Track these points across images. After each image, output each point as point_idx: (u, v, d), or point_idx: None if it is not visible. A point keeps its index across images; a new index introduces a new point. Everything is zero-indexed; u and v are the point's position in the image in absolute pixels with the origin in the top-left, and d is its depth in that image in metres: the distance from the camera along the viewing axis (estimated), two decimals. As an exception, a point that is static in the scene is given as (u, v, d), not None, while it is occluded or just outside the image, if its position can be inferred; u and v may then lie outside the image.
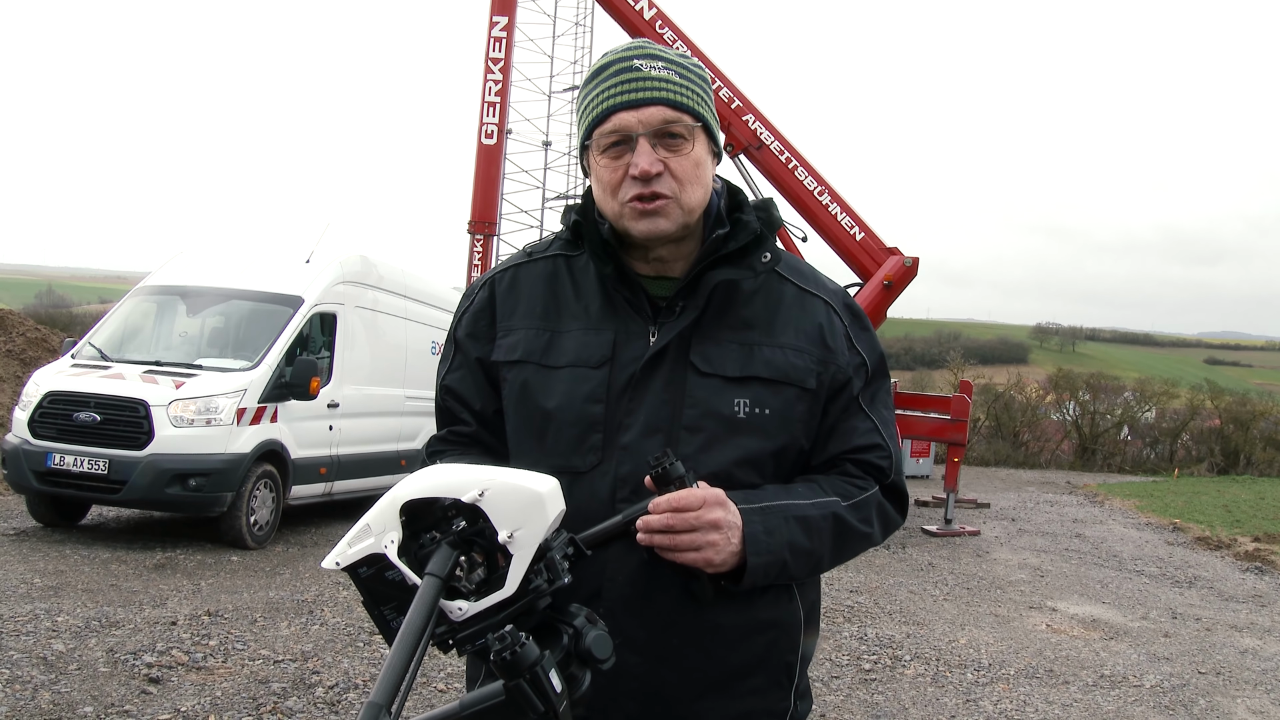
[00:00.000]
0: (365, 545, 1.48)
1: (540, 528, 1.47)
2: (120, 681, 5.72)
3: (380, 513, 1.49)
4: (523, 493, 1.48)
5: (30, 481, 9.60)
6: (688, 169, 1.81)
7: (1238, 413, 33.97)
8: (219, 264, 11.77)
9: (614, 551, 1.74)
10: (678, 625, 1.80)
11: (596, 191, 1.88)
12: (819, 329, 1.90)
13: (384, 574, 1.48)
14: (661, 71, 1.82)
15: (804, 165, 14.36)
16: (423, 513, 1.49)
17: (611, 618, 1.73)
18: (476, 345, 1.97)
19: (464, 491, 1.47)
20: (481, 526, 1.47)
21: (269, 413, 10.22)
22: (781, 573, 1.78)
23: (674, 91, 1.81)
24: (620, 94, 1.80)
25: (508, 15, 16.62)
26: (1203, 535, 15.56)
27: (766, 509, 1.77)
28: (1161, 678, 7.38)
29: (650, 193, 1.78)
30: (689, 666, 1.81)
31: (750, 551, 1.71)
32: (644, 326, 1.86)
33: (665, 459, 1.67)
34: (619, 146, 1.81)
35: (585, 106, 1.85)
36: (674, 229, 1.82)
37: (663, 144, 1.80)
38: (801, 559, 1.79)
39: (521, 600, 1.47)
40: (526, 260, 2.00)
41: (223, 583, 8.44)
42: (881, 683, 6.77)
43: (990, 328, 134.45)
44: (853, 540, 1.88)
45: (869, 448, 1.91)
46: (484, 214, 16.60)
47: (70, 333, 16.42)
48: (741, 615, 1.83)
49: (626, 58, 1.83)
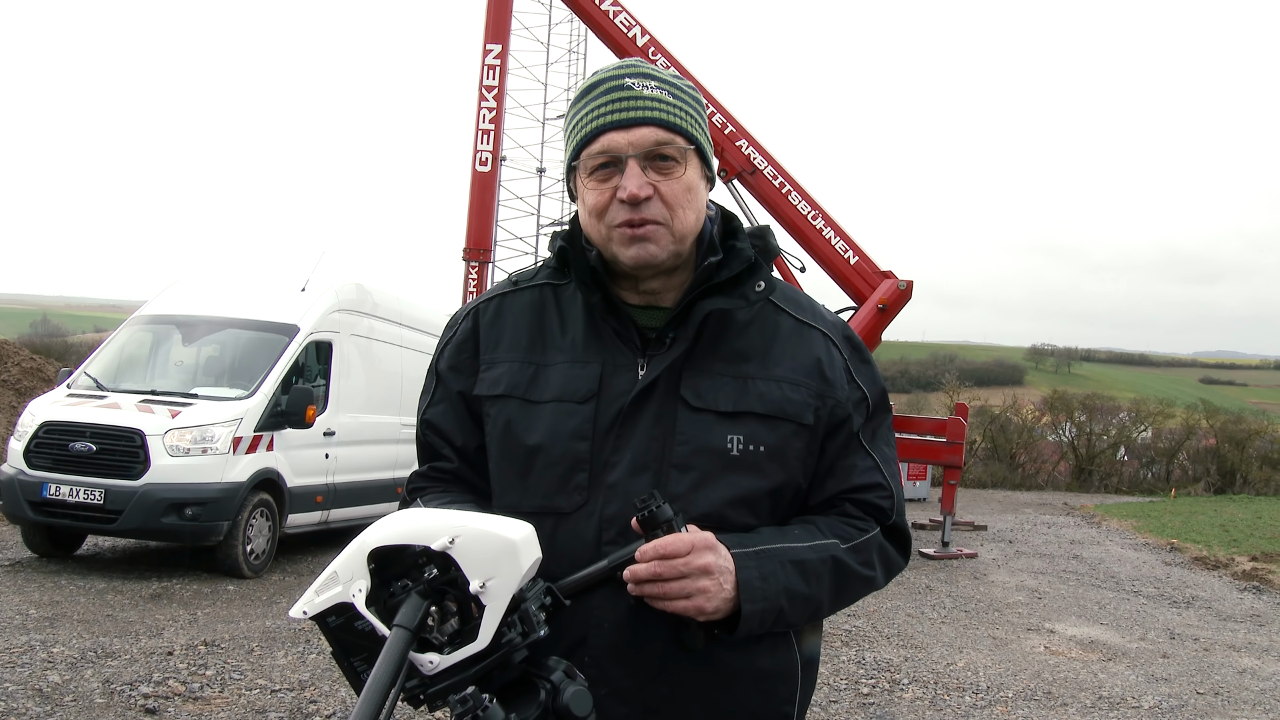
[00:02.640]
0: (333, 594, 1.43)
1: (513, 578, 1.41)
2: (117, 713, 5.70)
3: (348, 560, 1.44)
4: (495, 540, 1.42)
5: (26, 512, 9.58)
6: (679, 193, 1.73)
7: (1233, 432, 34.00)
8: (214, 293, 11.79)
9: (600, 597, 1.66)
10: (667, 674, 1.72)
11: (582, 215, 1.79)
12: (817, 362, 1.82)
13: (353, 624, 1.43)
14: (654, 91, 1.74)
15: (798, 190, 14.44)
16: (392, 559, 1.43)
17: (598, 666, 1.68)
18: (459, 378, 1.89)
19: (434, 539, 1.41)
20: (454, 575, 1.41)
21: (265, 441, 10.22)
22: (778, 620, 1.69)
23: (666, 112, 1.73)
24: (610, 113, 1.72)
25: (501, 43, 16.76)
26: (1200, 555, 15.56)
27: (761, 553, 1.68)
28: (1160, 699, 7.37)
29: (639, 219, 1.70)
30: (679, 718, 1.73)
31: (744, 598, 1.63)
32: (632, 358, 1.78)
33: (652, 501, 1.58)
34: (607, 169, 1.72)
35: (573, 126, 1.78)
36: (664, 256, 1.74)
37: (653, 166, 1.72)
38: (799, 605, 1.71)
39: (495, 654, 1.41)
40: (512, 289, 1.92)
41: (219, 612, 8.42)
42: (880, 706, 6.75)
43: (986, 349, 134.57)
44: (854, 584, 1.80)
45: (869, 487, 1.83)
46: (479, 241, 16.68)
47: (65, 362, 16.42)
48: (736, 664, 1.75)
49: (618, 76, 1.75)
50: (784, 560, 1.70)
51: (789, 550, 1.72)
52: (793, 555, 1.71)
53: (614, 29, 14.46)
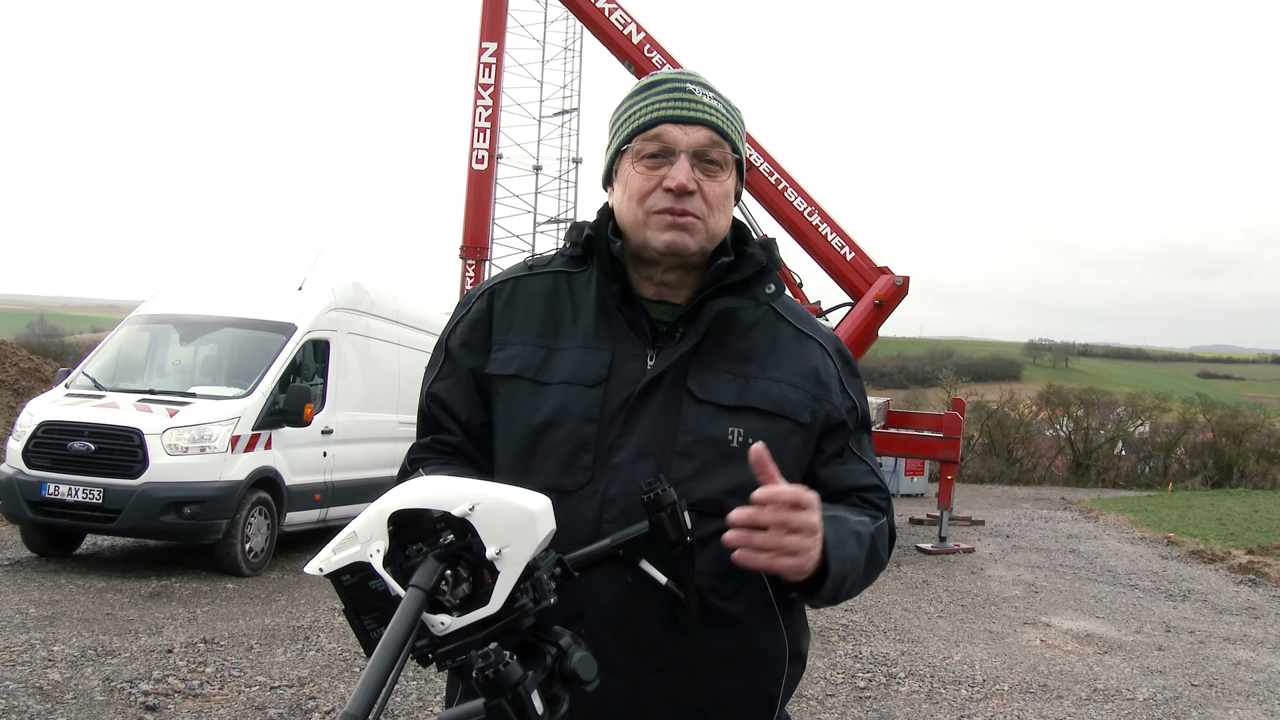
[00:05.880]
0: (350, 553, 1.45)
1: (529, 546, 1.44)
2: (117, 710, 5.73)
3: (368, 521, 1.46)
4: (514, 510, 1.45)
5: (25, 511, 9.60)
6: (719, 196, 1.82)
7: (1230, 426, 34.10)
8: (212, 292, 11.82)
9: (599, 573, 1.70)
10: (661, 650, 1.77)
11: (620, 199, 1.86)
12: (814, 369, 1.91)
13: (367, 583, 1.45)
14: (712, 100, 1.84)
15: (794, 186, 14.47)
16: (410, 523, 1.46)
17: (594, 640, 1.70)
18: (470, 355, 1.93)
19: (454, 505, 1.44)
20: (469, 541, 1.44)
21: (263, 440, 10.24)
22: (840, 587, 1.76)
23: (721, 119, 1.83)
24: (671, 108, 1.81)
25: (497, 41, 16.78)
26: (1197, 549, 15.62)
27: (834, 519, 1.74)
28: (1154, 691, 7.41)
29: (681, 209, 1.79)
30: (670, 692, 1.78)
31: (833, 558, 1.70)
32: (642, 349, 1.85)
33: (658, 484, 1.63)
34: (657, 158, 1.81)
35: (631, 114, 1.85)
36: (695, 249, 1.82)
37: (700, 166, 1.80)
38: (853, 574, 1.78)
39: (506, 618, 1.44)
40: (527, 274, 1.97)
41: (218, 610, 8.45)
42: (876, 700, 6.79)
43: (983, 345, 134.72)
44: (876, 565, 1.88)
45: (870, 488, 1.94)
46: (476, 239, 16.70)
47: (63, 362, 16.45)
48: (727, 643, 1.80)
49: (680, 79, 1.86)
50: (850, 530, 1.79)
51: (850, 521, 1.81)
52: (855, 526, 1.81)
53: (609, 26, 14.48)
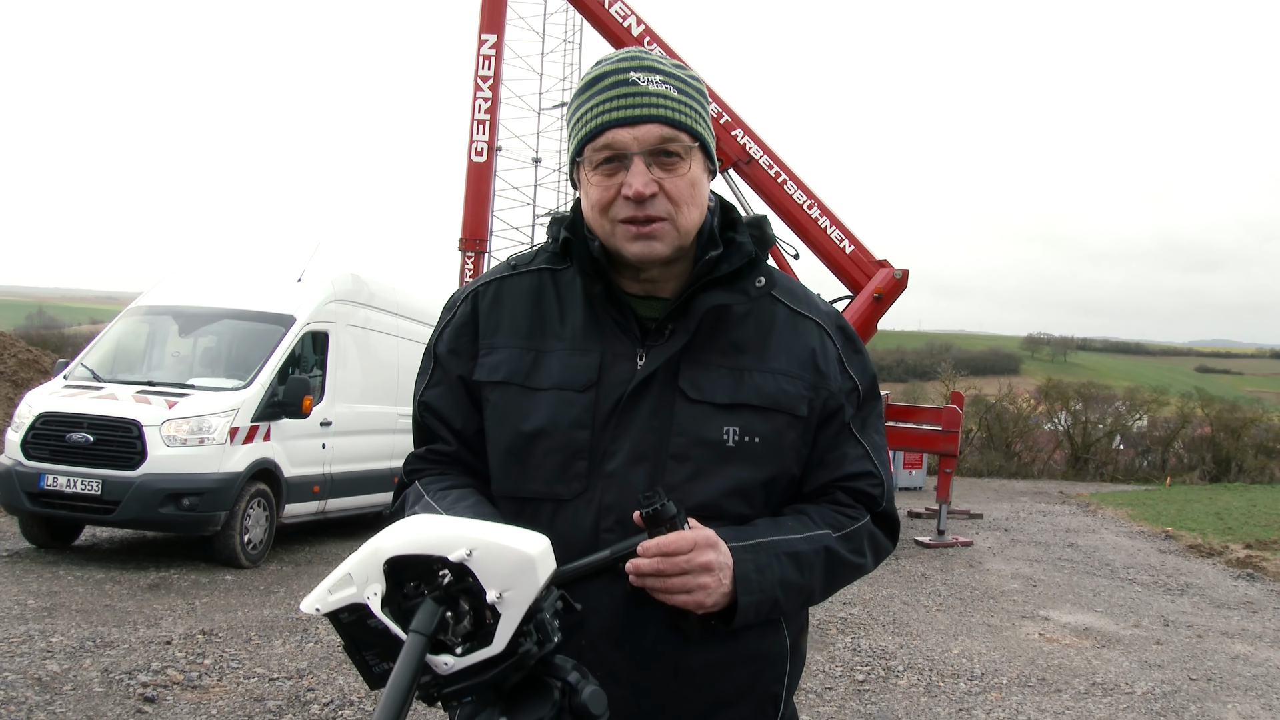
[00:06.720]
0: (347, 594, 1.44)
1: (531, 590, 1.43)
2: (115, 701, 5.72)
3: (362, 563, 1.44)
4: (513, 554, 1.42)
5: (23, 503, 9.60)
6: (683, 190, 1.74)
7: (1228, 420, 34.09)
8: (211, 284, 11.81)
9: (599, 583, 1.70)
10: (662, 658, 1.76)
11: (586, 208, 1.80)
12: (811, 353, 1.85)
13: (365, 621, 1.44)
14: (659, 86, 1.73)
15: (793, 179, 14.44)
16: (407, 565, 1.44)
17: (595, 649, 1.71)
18: (458, 362, 1.90)
19: (451, 549, 1.41)
20: (469, 584, 1.42)
21: (262, 431, 10.24)
22: (773, 609, 1.75)
23: (671, 109, 1.73)
24: (615, 109, 1.71)
25: (496, 33, 16.71)
26: (1195, 543, 15.62)
27: (758, 546, 1.72)
28: (1153, 685, 7.42)
29: (644, 216, 1.71)
30: (672, 699, 1.78)
31: (742, 591, 1.68)
32: (631, 348, 1.80)
33: (656, 499, 1.61)
34: (612, 164, 1.73)
35: (577, 120, 1.77)
36: (668, 252, 1.75)
37: (658, 163, 1.72)
38: (793, 595, 1.77)
39: (510, 659, 1.43)
40: (510, 274, 1.92)
41: (217, 602, 8.44)
42: (875, 693, 6.79)
43: (982, 339, 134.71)
44: (844, 571, 1.86)
45: (860, 475, 1.88)
46: (475, 231, 16.66)
47: (62, 354, 16.42)
48: (726, 648, 1.79)
49: (622, 69, 1.74)
50: (779, 553, 1.74)
51: (783, 543, 1.76)
52: (787, 547, 1.76)
53: (609, 19, 14.44)
